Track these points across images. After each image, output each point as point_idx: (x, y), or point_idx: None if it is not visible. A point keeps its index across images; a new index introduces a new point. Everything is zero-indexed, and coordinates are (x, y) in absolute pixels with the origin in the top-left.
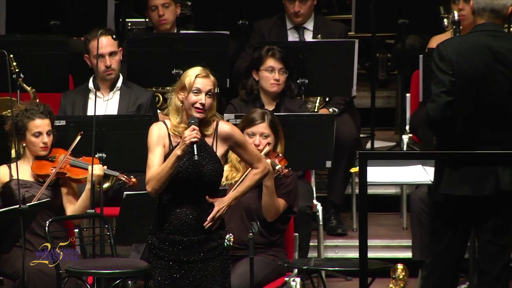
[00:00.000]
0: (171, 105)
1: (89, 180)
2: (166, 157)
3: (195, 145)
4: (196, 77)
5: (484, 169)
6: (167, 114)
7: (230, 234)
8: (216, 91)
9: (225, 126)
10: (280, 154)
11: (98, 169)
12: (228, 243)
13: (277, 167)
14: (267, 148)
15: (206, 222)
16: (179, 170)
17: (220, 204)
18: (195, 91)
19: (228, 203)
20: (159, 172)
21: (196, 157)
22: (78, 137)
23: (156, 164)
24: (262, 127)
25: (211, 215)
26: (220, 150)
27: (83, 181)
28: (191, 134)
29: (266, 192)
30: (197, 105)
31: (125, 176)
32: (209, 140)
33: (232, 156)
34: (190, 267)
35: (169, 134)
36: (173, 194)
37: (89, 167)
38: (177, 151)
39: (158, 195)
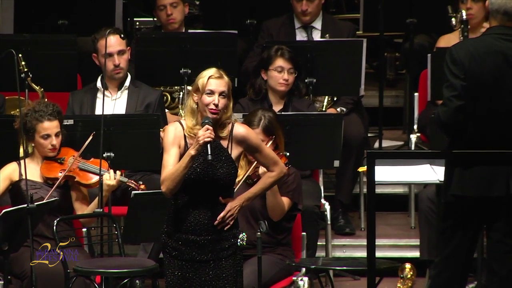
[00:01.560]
0: (187, 107)
1: (104, 190)
2: (181, 158)
3: (209, 145)
4: (209, 79)
5: (494, 169)
6: (176, 114)
7: (244, 233)
8: (230, 92)
9: (240, 129)
10: (280, 153)
11: (112, 180)
12: (241, 242)
13: None
14: None
15: (216, 221)
16: (193, 171)
17: (232, 204)
18: (208, 92)
19: (240, 203)
20: (174, 172)
21: (209, 157)
22: (89, 139)
23: (171, 164)
24: (257, 132)
25: (222, 214)
26: (235, 152)
27: (93, 186)
28: (204, 134)
29: (270, 193)
30: (211, 106)
31: (134, 182)
32: (224, 143)
33: None
34: (203, 267)
35: (184, 135)
36: (187, 195)
37: (101, 174)
38: (191, 151)
39: (173, 195)
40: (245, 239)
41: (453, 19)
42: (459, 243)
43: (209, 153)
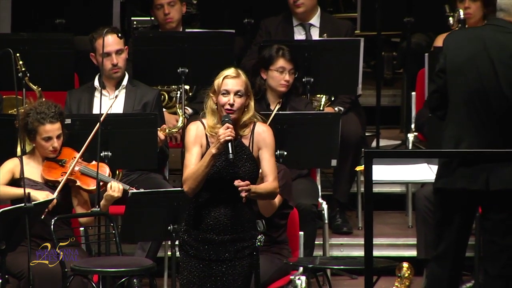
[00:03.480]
0: (207, 108)
1: (106, 199)
2: (203, 157)
3: (229, 144)
4: (224, 79)
5: (476, 165)
6: (173, 113)
7: (262, 235)
8: (249, 91)
9: (260, 127)
10: None
11: (118, 192)
12: (259, 243)
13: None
14: None
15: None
16: (215, 170)
17: (251, 186)
18: (224, 92)
19: (251, 190)
20: (195, 171)
21: (231, 156)
22: (89, 139)
23: (193, 164)
24: None
25: (246, 183)
26: (256, 151)
27: (95, 192)
28: (225, 132)
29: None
30: (226, 106)
31: (134, 190)
32: (246, 141)
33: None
34: (218, 266)
35: (206, 134)
36: (209, 193)
37: (97, 176)
38: (212, 150)
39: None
40: (263, 240)
41: (450, 18)
42: (449, 240)
43: (230, 151)
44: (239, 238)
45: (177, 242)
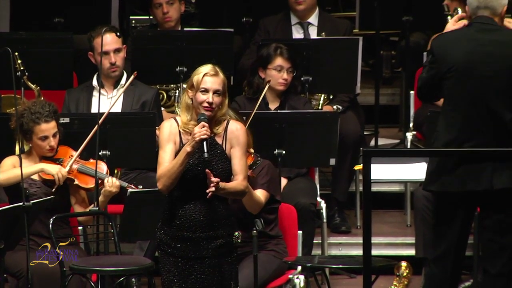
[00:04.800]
0: (181, 103)
1: (104, 195)
2: (177, 154)
3: (204, 142)
4: (204, 76)
5: (478, 165)
6: (172, 112)
7: (239, 231)
8: (226, 89)
9: (234, 125)
10: (249, 150)
11: (114, 187)
12: (236, 240)
13: None
14: None
15: (209, 189)
16: (188, 168)
17: (220, 183)
18: (203, 90)
19: (220, 188)
20: (170, 169)
21: (206, 155)
22: (87, 139)
23: (167, 161)
24: None
25: (215, 181)
26: (229, 148)
27: (93, 190)
28: (200, 131)
29: None
30: (205, 104)
31: (133, 186)
32: (219, 139)
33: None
34: (198, 264)
35: (179, 131)
36: (183, 191)
37: (98, 177)
38: (187, 148)
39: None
40: (240, 237)
41: (449, 17)
42: (449, 240)
43: (205, 150)
44: (216, 236)
45: None
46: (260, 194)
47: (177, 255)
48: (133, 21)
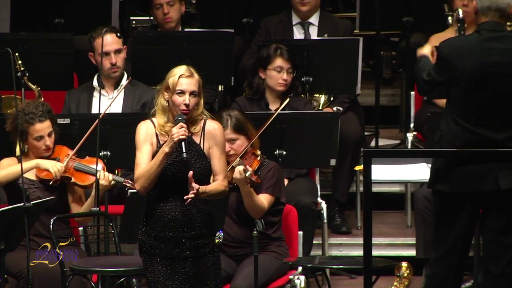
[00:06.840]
0: (157, 105)
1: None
2: (154, 155)
3: (183, 143)
4: (180, 78)
5: (483, 166)
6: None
7: (221, 231)
8: (201, 89)
9: (212, 124)
10: (256, 152)
11: (106, 181)
12: (219, 240)
13: (247, 174)
14: (237, 160)
15: (188, 195)
16: (167, 168)
17: (201, 188)
18: (179, 92)
19: (200, 191)
20: (148, 170)
21: (185, 155)
22: (84, 138)
23: (144, 162)
24: (227, 134)
25: (195, 188)
26: (207, 147)
27: (90, 187)
28: (178, 131)
29: (244, 195)
30: (182, 106)
31: (130, 182)
32: (196, 138)
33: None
34: (181, 264)
35: (156, 133)
36: (162, 192)
37: (96, 173)
38: (165, 148)
39: (148, 192)
40: (222, 237)
41: (449, 18)
42: (452, 241)
43: (184, 151)
44: (197, 235)
45: None
46: (264, 198)
47: (160, 255)
48: (134, 22)
